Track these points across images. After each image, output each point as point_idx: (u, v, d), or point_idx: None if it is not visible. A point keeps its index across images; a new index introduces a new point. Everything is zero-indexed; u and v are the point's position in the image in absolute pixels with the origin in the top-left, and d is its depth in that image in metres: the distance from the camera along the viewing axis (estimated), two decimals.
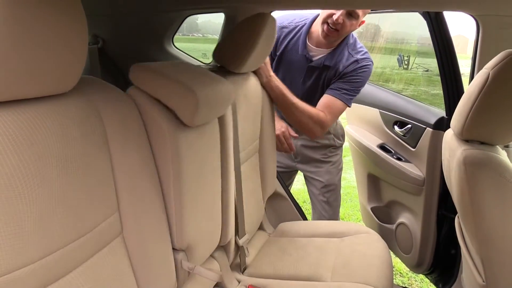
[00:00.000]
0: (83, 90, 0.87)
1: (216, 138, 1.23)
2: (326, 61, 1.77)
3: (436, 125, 1.74)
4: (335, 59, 1.76)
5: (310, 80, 1.82)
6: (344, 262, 1.46)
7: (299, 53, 1.78)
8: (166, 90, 0.99)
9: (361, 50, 1.79)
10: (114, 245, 0.90)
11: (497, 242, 1.09)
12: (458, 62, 1.65)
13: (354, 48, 1.78)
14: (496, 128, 1.13)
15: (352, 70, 1.75)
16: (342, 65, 1.76)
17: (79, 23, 0.74)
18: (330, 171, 2.02)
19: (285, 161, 2.07)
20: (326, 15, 1.67)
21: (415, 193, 1.86)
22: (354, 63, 1.75)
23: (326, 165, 2.02)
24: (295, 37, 1.78)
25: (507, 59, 1.06)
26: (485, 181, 1.08)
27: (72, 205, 0.78)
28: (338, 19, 1.63)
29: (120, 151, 0.91)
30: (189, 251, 1.13)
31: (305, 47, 1.77)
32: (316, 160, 2.01)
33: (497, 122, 1.11)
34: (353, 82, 1.75)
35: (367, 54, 1.80)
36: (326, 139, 2.01)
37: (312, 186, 2.07)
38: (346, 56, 1.76)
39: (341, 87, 1.74)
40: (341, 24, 1.65)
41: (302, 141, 2.00)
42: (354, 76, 1.75)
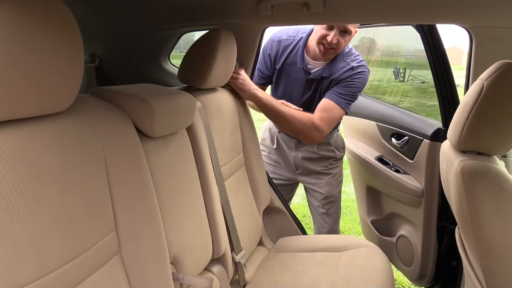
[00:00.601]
0: (80, 109, 0.87)
1: (188, 150, 1.27)
2: (324, 72, 1.80)
3: (433, 137, 1.74)
4: (332, 69, 1.79)
5: (309, 92, 1.85)
6: (345, 277, 1.45)
7: (297, 66, 1.80)
8: (123, 104, 1.01)
9: (356, 58, 1.82)
10: (111, 264, 0.90)
11: (498, 252, 1.08)
12: (452, 73, 1.67)
13: (349, 57, 1.81)
14: (492, 138, 1.13)
15: (348, 76, 1.77)
16: (338, 73, 1.79)
17: (75, 42, 0.75)
18: (331, 183, 2.03)
19: (286, 174, 2.08)
20: (320, 36, 1.70)
21: (414, 205, 1.85)
22: (349, 70, 1.78)
23: (326, 177, 2.03)
24: (293, 51, 1.81)
25: (500, 70, 1.07)
26: (483, 192, 1.08)
27: (69, 224, 0.77)
28: (333, 40, 1.66)
29: (117, 169, 0.91)
30: (176, 263, 1.14)
31: (303, 60, 1.80)
32: (316, 172, 2.02)
33: (493, 132, 1.12)
34: (348, 87, 1.76)
35: (362, 61, 1.83)
36: (327, 151, 2.02)
37: (313, 197, 2.07)
38: (342, 65, 1.80)
39: (336, 91, 1.76)
40: (337, 43, 1.68)
41: (303, 153, 2.02)
42: (350, 82, 1.76)
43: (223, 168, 1.47)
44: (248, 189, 1.69)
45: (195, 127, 1.30)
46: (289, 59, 1.82)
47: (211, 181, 1.35)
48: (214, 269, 1.36)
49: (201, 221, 1.29)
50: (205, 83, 1.41)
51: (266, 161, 2.12)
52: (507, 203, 1.06)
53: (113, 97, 1.02)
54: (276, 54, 1.83)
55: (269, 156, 2.13)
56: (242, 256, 1.48)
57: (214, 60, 1.37)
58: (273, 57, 1.84)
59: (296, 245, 1.72)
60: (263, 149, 2.14)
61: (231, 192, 1.50)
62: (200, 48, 1.40)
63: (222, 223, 1.38)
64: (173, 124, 1.15)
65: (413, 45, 1.80)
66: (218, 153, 1.43)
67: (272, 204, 1.84)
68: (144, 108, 1.02)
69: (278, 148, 2.06)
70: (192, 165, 1.29)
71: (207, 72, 1.37)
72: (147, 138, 1.06)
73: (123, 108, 1.01)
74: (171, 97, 1.12)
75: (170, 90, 1.20)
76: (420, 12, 1.39)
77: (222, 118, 1.52)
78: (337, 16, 1.46)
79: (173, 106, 1.12)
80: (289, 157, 2.03)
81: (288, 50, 1.82)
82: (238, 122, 1.65)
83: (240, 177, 1.64)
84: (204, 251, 1.29)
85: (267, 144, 2.12)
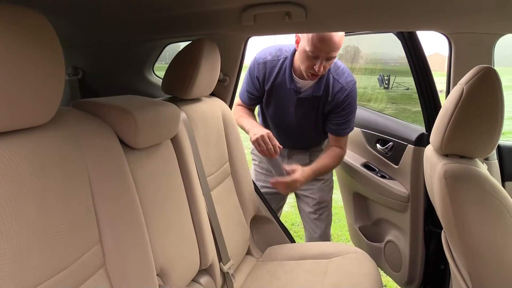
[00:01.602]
0: (62, 121, 0.86)
1: (173, 161, 1.27)
2: (314, 91, 1.83)
3: (417, 141, 1.77)
4: (322, 87, 1.82)
5: (302, 110, 1.88)
6: (333, 284, 1.44)
7: (287, 87, 1.83)
8: (106, 115, 1.01)
9: (343, 71, 1.85)
10: (96, 278, 0.88)
11: (483, 254, 1.09)
12: (433, 79, 1.69)
13: (336, 71, 1.84)
14: (473, 141, 1.15)
15: (342, 100, 1.83)
16: (330, 93, 1.83)
17: (55, 54, 0.75)
18: (323, 189, 2.06)
19: None
20: (306, 67, 1.71)
21: (401, 210, 1.87)
22: (341, 91, 1.82)
23: (318, 183, 2.05)
24: (281, 71, 1.83)
25: (479, 74, 1.09)
26: (466, 194, 1.09)
27: (52, 239, 0.76)
28: (319, 69, 1.68)
29: (101, 182, 0.90)
30: (163, 275, 1.13)
31: (292, 81, 1.82)
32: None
33: (473, 135, 1.13)
34: (348, 112, 1.86)
35: (348, 73, 1.86)
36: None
37: (304, 204, 2.08)
38: (331, 81, 1.83)
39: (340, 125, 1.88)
40: (323, 69, 1.71)
41: (297, 161, 2.05)
42: (346, 104, 1.84)
43: (209, 178, 1.47)
44: (235, 198, 1.68)
45: (179, 138, 1.30)
46: (278, 80, 1.84)
47: (197, 192, 1.34)
48: (202, 280, 1.35)
49: (187, 232, 1.28)
50: (189, 94, 1.41)
51: (257, 170, 2.12)
52: (490, 205, 1.08)
53: (96, 109, 1.02)
54: (264, 76, 1.85)
55: (261, 165, 2.13)
56: (230, 266, 1.47)
57: (198, 70, 1.37)
58: (261, 79, 1.86)
59: (285, 253, 1.72)
60: (254, 158, 2.15)
61: (218, 202, 1.50)
62: (184, 59, 1.40)
63: (209, 233, 1.37)
64: (157, 135, 1.14)
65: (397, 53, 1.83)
66: (203, 163, 1.43)
67: (259, 213, 1.84)
68: (127, 120, 1.01)
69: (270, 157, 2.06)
70: (177, 176, 1.28)
71: (191, 82, 1.37)
72: (131, 150, 1.06)
73: (106, 120, 1.00)
74: (154, 108, 1.12)
75: (154, 101, 1.19)
76: (400, 20, 1.42)
77: (207, 128, 1.52)
78: (318, 25, 1.48)
79: (157, 117, 1.12)
80: (281, 166, 2.04)
81: (276, 70, 1.84)
82: (224, 132, 1.65)
83: (227, 187, 1.63)
84: (191, 262, 1.28)
85: (257, 154, 2.12)
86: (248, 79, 1.89)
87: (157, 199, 1.14)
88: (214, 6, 1.34)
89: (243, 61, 1.78)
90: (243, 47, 1.72)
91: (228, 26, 1.55)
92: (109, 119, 1.00)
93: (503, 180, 1.73)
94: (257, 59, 1.86)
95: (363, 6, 1.26)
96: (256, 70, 1.85)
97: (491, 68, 1.10)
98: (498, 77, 1.10)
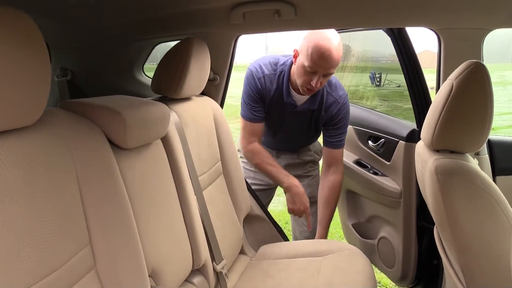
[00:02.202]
0: (49, 122, 0.86)
1: (163, 161, 1.26)
2: (309, 105, 1.84)
3: (408, 138, 1.77)
4: (317, 101, 1.84)
5: (297, 122, 1.91)
6: (327, 281, 1.44)
7: (284, 101, 1.83)
8: (94, 116, 1.00)
9: (335, 85, 1.88)
10: (87, 280, 0.87)
11: (475, 248, 1.09)
12: (423, 75, 1.70)
13: (329, 84, 1.86)
14: (463, 136, 1.15)
15: (335, 113, 1.85)
16: (324, 106, 1.85)
17: (40, 55, 0.74)
18: (312, 184, 2.08)
19: (267, 179, 2.08)
20: (303, 81, 1.71)
21: (393, 207, 1.87)
22: (335, 104, 1.85)
23: (307, 179, 2.09)
24: (278, 85, 1.84)
25: (468, 69, 1.10)
26: (457, 189, 1.09)
27: (40, 241, 0.75)
28: (317, 84, 1.68)
29: (90, 183, 0.89)
30: (155, 276, 1.12)
31: (289, 95, 1.83)
32: (298, 175, 2.06)
33: (463, 130, 1.14)
34: (342, 125, 1.88)
35: (340, 85, 1.89)
36: (309, 156, 2.11)
37: None
38: (325, 96, 1.85)
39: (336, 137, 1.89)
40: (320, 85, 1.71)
41: (285, 160, 2.07)
42: (340, 117, 1.86)
43: (201, 177, 1.46)
44: (228, 197, 1.68)
45: (170, 137, 1.29)
46: (276, 94, 1.84)
47: (189, 192, 1.33)
48: (195, 280, 1.34)
49: (179, 232, 1.27)
50: (179, 93, 1.40)
51: (247, 168, 2.12)
52: (481, 200, 1.08)
53: (84, 109, 1.01)
54: (265, 89, 1.84)
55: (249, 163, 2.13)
56: (224, 266, 1.46)
57: (188, 69, 1.36)
58: (263, 92, 1.85)
59: (278, 252, 1.71)
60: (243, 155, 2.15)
61: (210, 201, 1.49)
62: (173, 58, 1.39)
63: (202, 233, 1.37)
64: (146, 135, 1.13)
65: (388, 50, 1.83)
66: (195, 162, 1.42)
67: (252, 212, 1.84)
68: (116, 120, 1.00)
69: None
70: (168, 176, 1.27)
71: (180, 82, 1.37)
72: (120, 150, 1.05)
73: (95, 120, 0.99)
74: (143, 108, 1.11)
75: (143, 101, 1.18)
76: (390, 16, 1.42)
77: (198, 127, 1.51)
78: (308, 23, 1.48)
79: (146, 116, 1.11)
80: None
81: (274, 85, 1.84)
82: (215, 131, 1.64)
83: (219, 186, 1.63)
84: (184, 262, 1.27)
85: None
86: (249, 95, 1.85)
87: (148, 199, 1.13)
88: (203, 5, 1.34)
89: (233, 60, 1.77)
90: (232, 46, 1.72)
91: (217, 24, 1.55)
92: (97, 120, 0.99)
93: (494, 174, 1.73)
94: (256, 74, 1.84)
95: (352, 3, 1.27)
96: (258, 84, 1.83)
97: (480, 63, 1.10)
98: (487, 72, 1.10)
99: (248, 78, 1.85)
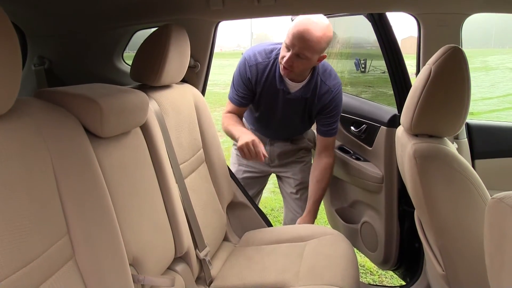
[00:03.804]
0: (23, 112, 0.84)
1: (143, 149, 1.25)
2: (303, 93, 1.83)
3: (390, 123, 1.78)
4: (311, 90, 1.83)
5: (290, 110, 1.89)
6: (310, 266, 1.46)
7: (277, 87, 1.82)
8: (70, 105, 0.98)
9: (329, 73, 1.86)
10: (66, 270, 0.87)
11: (452, 230, 1.12)
12: (404, 60, 1.71)
13: (324, 75, 1.85)
14: (441, 120, 1.16)
15: (328, 101, 1.84)
16: (317, 95, 1.84)
17: (9, 41, 0.72)
18: (304, 170, 2.09)
19: (260, 167, 2.10)
20: (280, 57, 1.71)
21: (375, 191, 1.89)
22: (328, 93, 1.84)
23: (299, 165, 2.09)
24: (271, 72, 1.82)
25: (446, 54, 1.11)
26: (435, 172, 1.11)
27: (16, 232, 0.75)
28: (288, 62, 1.67)
29: (66, 172, 0.88)
30: (137, 264, 1.12)
31: (281, 81, 1.81)
32: (291, 161, 2.09)
33: (441, 114, 1.15)
34: (334, 114, 1.87)
35: (335, 75, 1.88)
36: (303, 143, 2.11)
37: (287, 185, 2.11)
38: (319, 84, 1.84)
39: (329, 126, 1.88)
40: (291, 65, 1.68)
41: (279, 147, 2.07)
42: (333, 106, 1.85)
43: (182, 165, 1.46)
44: (210, 185, 1.68)
45: (149, 126, 1.27)
46: (268, 80, 1.83)
47: (170, 180, 1.33)
48: (178, 267, 1.34)
49: (161, 220, 1.27)
50: (158, 80, 1.38)
51: (239, 155, 2.11)
52: (458, 183, 1.10)
53: (59, 98, 0.99)
54: (256, 77, 1.83)
55: None
56: (207, 253, 1.47)
57: (167, 56, 1.35)
58: (254, 81, 1.83)
59: (262, 238, 1.72)
60: (236, 143, 2.14)
61: (193, 189, 1.49)
62: (152, 45, 1.37)
63: (184, 221, 1.37)
64: (124, 123, 1.12)
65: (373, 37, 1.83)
66: (176, 151, 1.41)
67: (235, 199, 1.84)
68: (92, 108, 0.99)
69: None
70: (148, 164, 1.26)
71: (160, 69, 1.35)
72: (98, 139, 1.03)
73: (70, 109, 0.97)
74: (120, 96, 1.10)
75: (120, 89, 1.16)
76: (370, 1, 1.42)
77: (179, 115, 1.50)
78: (288, 8, 1.47)
79: (123, 104, 1.09)
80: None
81: (266, 72, 1.82)
82: (196, 119, 1.63)
83: (201, 174, 1.62)
84: (166, 250, 1.27)
85: None
86: (238, 81, 1.85)
87: (127, 188, 1.12)
88: None
89: (213, 47, 1.76)
90: (213, 32, 1.70)
91: (196, 11, 1.53)
92: (73, 108, 0.98)
93: (473, 158, 1.76)
94: (248, 62, 1.82)
95: None
96: (249, 72, 1.81)
97: (457, 47, 1.11)
98: (464, 57, 1.11)
99: (240, 65, 1.85)
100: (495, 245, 0.73)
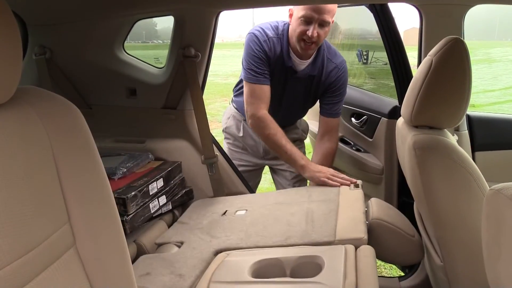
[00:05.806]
0: (23, 100, 0.84)
1: None
2: (310, 71, 1.82)
3: (390, 114, 1.79)
4: (318, 68, 1.82)
5: (295, 88, 1.88)
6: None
7: (285, 65, 1.80)
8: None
9: (334, 51, 1.86)
10: (67, 258, 0.88)
11: (450, 222, 1.12)
12: (406, 51, 1.70)
13: (329, 52, 1.85)
14: (441, 112, 1.16)
15: (336, 78, 1.83)
16: (324, 72, 1.83)
17: (9, 30, 0.72)
18: None
19: (253, 160, 2.09)
20: (299, 33, 1.69)
21: (375, 182, 1.90)
22: (335, 70, 1.83)
23: None
24: (281, 48, 1.80)
25: (447, 45, 1.10)
26: (434, 164, 1.11)
27: (16, 220, 0.75)
28: (313, 33, 1.66)
29: (66, 159, 0.88)
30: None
31: (289, 58, 1.80)
32: None
33: (441, 106, 1.15)
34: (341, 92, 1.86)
35: (339, 53, 1.87)
36: (297, 134, 2.09)
37: (282, 177, 2.10)
38: (326, 61, 1.83)
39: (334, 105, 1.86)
40: (317, 36, 1.68)
41: None
42: (340, 84, 1.84)
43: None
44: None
45: None
46: (278, 58, 1.80)
47: None
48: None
49: None
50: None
51: (232, 149, 2.11)
52: (457, 175, 1.10)
53: None
54: (269, 53, 1.78)
55: (235, 144, 2.12)
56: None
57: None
58: (268, 55, 1.79)
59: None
60: (228, 137, 2.13)
61: None
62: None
63: None
64: None
65: (375, 28, 1.83)
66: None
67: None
68: None
69: (245, 136, 2.06)
70: None
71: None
72: None
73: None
74: None
75: None
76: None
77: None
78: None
79: None
80: (257, 145, 2.04)
81: (278, 47, 1.79)
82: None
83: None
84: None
85: (232, 132, 2.10)
86: (254, 58, 1.77)
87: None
88: None
89: (214, 37, 1.75)
90: (214, 22, 1.69)
91: (198, 0, 1.52)
92: None
93: (473, 150, 1.76)
94: (260, 37, 1.78)
95: None
96: (264, 45, 1.77)
97: (459, 39, 1.11)
98: (466, 48, 1.11)
99: (251, 41, 1.78)
100: (492, 235, 0.74)
